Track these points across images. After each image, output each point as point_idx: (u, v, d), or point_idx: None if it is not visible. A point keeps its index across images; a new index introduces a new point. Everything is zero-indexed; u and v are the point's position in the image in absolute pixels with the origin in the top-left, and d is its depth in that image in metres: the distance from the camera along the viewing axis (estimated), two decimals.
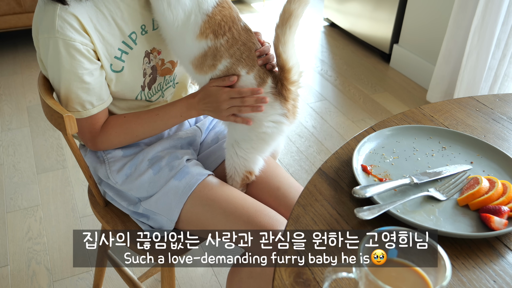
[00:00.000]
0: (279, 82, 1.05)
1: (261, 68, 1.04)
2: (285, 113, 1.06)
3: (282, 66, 1.03)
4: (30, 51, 3.25)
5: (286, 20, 0.99)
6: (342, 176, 0.89)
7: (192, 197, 1.06)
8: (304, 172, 2.17)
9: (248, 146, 1.09)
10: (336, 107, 2.71)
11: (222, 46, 1.02)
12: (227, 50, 1.02)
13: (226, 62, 1.03)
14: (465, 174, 0.88)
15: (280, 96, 1.05)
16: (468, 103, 1.16)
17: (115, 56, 1.04)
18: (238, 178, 1.13)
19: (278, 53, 1.02)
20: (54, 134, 2.40)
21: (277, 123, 1.06)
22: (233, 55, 1.02)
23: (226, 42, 1.01)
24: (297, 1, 0.97)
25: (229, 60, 1.02)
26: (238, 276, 1.09)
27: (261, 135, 1.08)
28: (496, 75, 2.40)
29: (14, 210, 1.92)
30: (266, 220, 1.01)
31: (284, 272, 0.69)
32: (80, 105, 1.03)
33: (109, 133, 1.09)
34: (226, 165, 1.14)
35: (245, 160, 1.10)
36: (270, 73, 1.05)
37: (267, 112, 1.05)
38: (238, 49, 1.02)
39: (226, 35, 1.02)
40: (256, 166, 1.12)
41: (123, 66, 1.06)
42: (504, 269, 0.70)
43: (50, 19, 0.96)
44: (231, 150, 1.11)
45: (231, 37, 1.02)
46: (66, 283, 1.61)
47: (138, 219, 1.12)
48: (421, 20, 2.87)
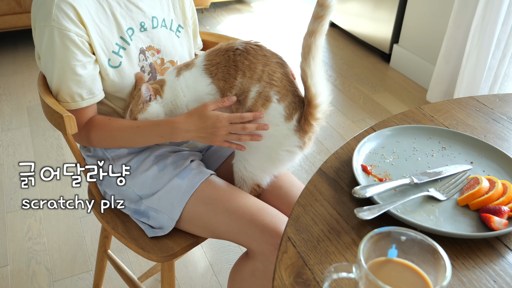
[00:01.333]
0: (303, 117, 1.03)
1: (293, 103, 1.02)
2: (301, 146, 1.06)
3: (310, 101, 1.01)
4: (30, 51, 3.25)
5: (307, 54, 0.98)
6: (342, 176, 0.89)
7: (195, 196, 1.06)
8: (304, 172, 2.17)
9: (258, 164, 1.08)
10: (336, 107, 2.71)
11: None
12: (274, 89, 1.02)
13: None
14: (465, 174, 0.88)
15: (301, 130, 1.04)
16: (468, 103, 1.16)
17: (113, 51, 1.05)
18: (246, 190, 1.12)
19: (307, 86, 1.00)
20: (54, 134, 2.40)
21: (291, 152, 1.07)
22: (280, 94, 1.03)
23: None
24: (312, 35, 0.97)
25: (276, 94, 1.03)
26: (240, 275, 1.09)
27: (272, 159, 1.07)
28: (496, 75, 2.40)
29: (14, 210, 1.92)
30: (269, 219, 1.01)
31: (284, 272, 0.69)
32: (69, 96, 1.02)
33: (90, 131, 1.07)
34: (235, 177, 1.13)
35: (254, 175, 1.09)
36: (299, 110, 1.03)
37: (285, 143, 1.04)
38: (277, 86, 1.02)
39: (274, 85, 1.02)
40: (264, 181, 1.11)
41: (121, 61, 1.06)
42: (504, 269, 0.70)
43: (48, 8, 0.96)
44: (239, 165, 1.10)
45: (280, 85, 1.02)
46: (66, 283, 1.61)
47: (138, 219, 1.12)
48: (421, 20, 2.87)
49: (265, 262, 1.02)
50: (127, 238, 1.10)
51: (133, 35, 1.08)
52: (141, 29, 1.10)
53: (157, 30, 1.13)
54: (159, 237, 1.09)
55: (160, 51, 1.14)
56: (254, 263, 1.05)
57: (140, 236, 1.10)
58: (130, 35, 1.08)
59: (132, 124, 1.05)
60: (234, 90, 1.01)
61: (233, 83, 1.01)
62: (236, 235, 1.03)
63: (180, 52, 1.20)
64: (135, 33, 1.09)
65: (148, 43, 1.12)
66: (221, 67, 1.01)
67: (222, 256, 1.75)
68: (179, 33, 1.20)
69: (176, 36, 1.18)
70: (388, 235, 0.58)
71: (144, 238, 1.10)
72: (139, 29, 1.10)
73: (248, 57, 1.01)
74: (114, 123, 1.07)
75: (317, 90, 1.01)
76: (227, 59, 1.02)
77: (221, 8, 4.22)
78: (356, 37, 3.52)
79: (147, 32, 1.11)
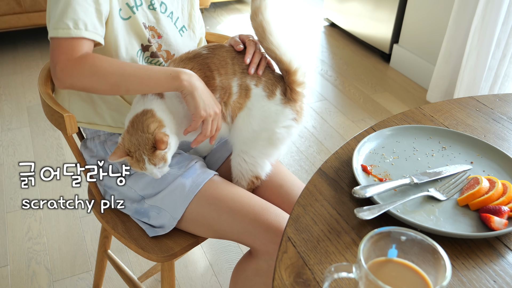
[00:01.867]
0: (287, 88, 1.07)
1: (269, 80, 1.06)
2: (295, 117, 1.09)
3: (287, 70, 1.05)
4: (30, 51, 3.25)
5: (263, 33, 1.02)
6: (342, 176, 0.89)
7: (198, 196, 1.06)
8: (304, 172, 2.17)
9: (258, 152, 1.10)
10: (336, 107, 2.71)
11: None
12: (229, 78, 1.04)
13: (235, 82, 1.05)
14: (465, 174, 0.88)
15: (290, 101, 1.07)
16: (468, 103, 1.16)
17: (126, 3, 1.04)
18: (244, 183, 1.13)
19: (278, 60, 1.04)
20: (54, 134, 2.40)
21: (288, 127, 1.09)
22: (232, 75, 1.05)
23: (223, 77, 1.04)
24: (259, 13, 1.00)
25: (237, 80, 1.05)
26: (244, 274, 1.09)
27: (272, 141, 1.09)
28: (496, 75, 2.40)
29: (14, 210, 1.92)
30: (273, 218, 1.01)
31: (284, 272, 0.69)
32: (73, 21, 0.95)
33: (84, 62, 0.95)
34: (233, 172, 1.13)
35: (253, 165, 1.10)
36: (279, 83, 1.07)
37: (279, 120, 1.07)
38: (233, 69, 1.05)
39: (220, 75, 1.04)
40: (264, 171, 1.13)
41: (130, 15, 1.06)
42: (504, 269, 0.70)
43: None
44: (238, 158, 1.10)
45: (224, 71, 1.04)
46: (66, 283, 1.61)
47: (139, 219, 1.12)
48: (421, 20, 2.87)
49: (269, 261, 1.02)
50: (127, 238, 1.10)
51: (140, 7, 1.08)
52: (149, 6, 1.10)
53: (164, 17, 1.13)
54: (159, 237, 1.09)
55: (161, 37, 1.14)
56: (258, 262, 1.05)
57: (140, 236, 1.10)
58: (138, 5, 1.07)
59: (136, 64, 1.03)
60: (218, 91, 1.03)
61: (214, 85, 1.03)
62: (240, 235, 1.03)
63: (180, 48, 1.19)
64: (143, 6, 1.08)
65: (152, 23, 1.11)
66: (196, 71, 1.02)
67: (222, 256, 1.75)
68: (183, 32, 1.20)
69: (179, 34, 1.19)
70: (388, 235, 0.58)
71: (144, 238, 1.10)
72: (148, 6, 1.10)
73: (215, 57, 1.04)
74: (116, 60, 1.00)
75: (288, 57, 1.04)
76: (199, 63, 1.03)
77: (221, 8, 4.22)
78: (356, 37, 3.52)
79: (155, 13, 1.11)
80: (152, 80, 0.96)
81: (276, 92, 1.06)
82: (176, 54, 1.19)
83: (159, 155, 0.96)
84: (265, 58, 1.08)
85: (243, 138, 1.09)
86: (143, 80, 0.97)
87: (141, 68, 0.99)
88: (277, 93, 1.07)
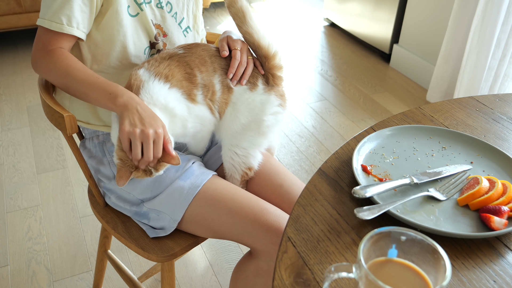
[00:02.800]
0: (269, 74, 1.10)
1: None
2: (280, 103, 1.12)
3: (266, 55, 1.08)
4: (30, 51, 3.24)
5: (243, 18, 1.05)
6: (342, 176, 0.89)
7: (197, 198, 1.05)
8: (304, 172, 2.17)
9: (248, 143, 1.11)
10: (336, 107, 2.71)
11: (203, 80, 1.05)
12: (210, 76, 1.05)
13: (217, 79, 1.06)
14: (465, 174, 0.88)
15: (273, 87, 1.10)
16: (468, 103, 1.16)
17: (135, 0, 1.05)
18: (238, 176, 1.13)
19: (257, 44, 1.08)
20: (54, 134, 2.40)
21: (275, 114, 1.11)
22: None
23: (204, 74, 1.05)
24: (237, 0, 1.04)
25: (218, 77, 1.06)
26: (244, 274, 1.09)
27: (261, 130, 1.11)
28: (496, 75, 2.40)
29: (14, 210, 1.92)
30: (273, 218, 1.01)
31: (284, 272, 0.69)
32: (67, 18, 0.99)
33: (52, 61, 1.00)
34: (225, 166, 1.14)
35: (246, 157, 1.12)
36: (259, 74, 1.10)
37: (265, 109, 1.09)
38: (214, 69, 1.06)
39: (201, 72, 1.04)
40: (256, 161, 1.14)
41: (138, 12, 1.07)
42: (504, 269, 0.70)
43: None
44: (229, 153, 1.12)
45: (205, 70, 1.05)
46: (66, 283, 1.61)
47: (139, 220, 1.12)
48: (421, 20, 2.87)
49: (269, 262, 1.02)
50: (127, 238, 1.10)
51: (148, 4, 1.09)
52: (157, 4, 1.11)
53: (169, 16, 1.14)
54: (159, 237, 1.09)
55: (166, 35, 1.14)
56: (258, 262, 1.05)
57: (140, 236, 1.10)
58: (146, 2, 1.08)
59: (94, 74, 0.99)
60: (200, 89, 1.04)
61: (196, 82, 1.03)
62: (239, 235, 1.03)
63: None
64: (151, 3, 1.09)
65: (158, 21, 1.13)
66: (175, 68, 1.01)
67: (222, 256, 1.75)
68: (187, 33, 1.20)
69: (183, 34, 1.19)
70: (388, 235, 0.58)
71: (144, 238, 1.10)
72: (156, 4, 1.10)
73: (193, 55, 1.05)
74: (78, 64, 1.01)
75: (267, 41, 1.08)
76: (177, 61, 1.03)
77: (221, 8, 4.22)
78: (356, 37, 3.52)
79: (162, 11, 1.12)
80: (93, 96, 0.97)
81: (258, 83, 1.09)
82: None
83: (164, 164, 0.99)
84: (250, 65, 1.09)
85: (232, 132, 1.10)
86: (87, 92, 0.98)
87: (90, 80, 0.97)
88: (259, 84, 1.09)
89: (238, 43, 1.09)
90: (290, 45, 3.52)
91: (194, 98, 1.03)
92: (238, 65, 1.07)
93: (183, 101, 1.02)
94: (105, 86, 0.96)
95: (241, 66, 1.07)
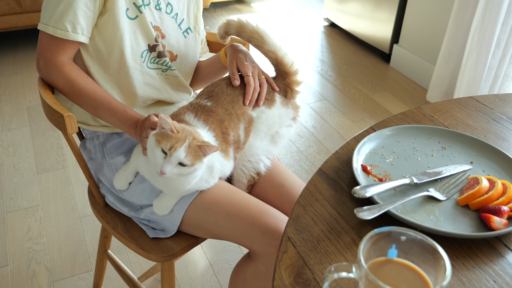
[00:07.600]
0: (287, 88, 1.13)
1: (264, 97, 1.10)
2: (294, 116, 1.16)
3: (288, 72, 1.11)
4: (30, 51, 3.25)
5: (263, 37, 1.08)
6: (342, 176, 0.89)
7: (195, 203, 1.05)
8: (304, 172, 2.17)
9: (262, 151, 1.13)
10: (336, 107, 2.71)
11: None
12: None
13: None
14: (465, 174, 0.88)
15: (289, 100, 1.14)
16: (468, 103, 1.16)
17: (134, 2, 1.05)
18: (245, 180, 1.13)
19: (279, 61, 1.10)
20: (54, 134, 2.40)
21: (289, 126, 1.15)
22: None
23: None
24: (248, 23, 1.08)
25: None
26: (243, 276, 1.08)
27: (275, 140, 1.15)
28: (496, 75, 2.40)
29: (14, 210, 1.92)
30: (271, 221, 1.01)
31: (284, 272, 0.69)
32: (72, 24, 1.00)
33: (62, 73, 1.02)
34: (234, 171, 1.13)
35: (257, 163, 1.13)
36: (273, 93, 1.12)
37: (282, 121, 1.13)
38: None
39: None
40: (265, 167, 1.15)
41: (138, 15, 1.07)
42: (504, 269, 0.70)
43: None
44: (242, 161, 1.12)
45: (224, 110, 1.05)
46: (66, 283, 1.61)
47: (140, 221, 1.11)
48: (421, 20, 2.87)
49: (268, 264, 1.02)
50: (127, 238, 1.10)
51: (147, 6, 1.09)
52: (156, 6, 1.10)
53: (169, 18, 1.14)
54: (159, 237, 1.09)
55: (164, 37, 1.14)
56: (256, 264, 1.04)
57: (140, 236, 1.10)
58: (145, 4, 1.08)
59: (105, 96, 1.04)
60: (231, 145, 1.05)
61: (229, 141, 1.04)
62: (238, 238, 1.03)
63: (182, 50, 1.20)
64: (150, 5, 1.09)
65: (157, 23, 1.12)
66: (215, 128, 1.02)
67: (222, 256, 1.75)
68: (187, 34, 1.20)
69: (183, 35, 1.19)
70: (388, 235, 0.58)
71: (144, 238, 1.10)
72: (155, 6, 1.10)
73: (220, 110, 1.04)
74: (90, 84, 1.04)
75: (290, 59, 1.11)
76: (214, 118, 1.03)
77: (221, 8, 4.22)
78: (356, 37, 3.52)
79: (160, 13, 1.11)
80: (105, 119, 1.05)
81: (275, 98, 1.12)
82: (179, 55, 1.19)
83: (198, 158, 0.92)
84: (264, 86, 1.10)
85: (248, 146, 1.11)
86: (98, 115, 1.06)
87: (103, 106, 1.04)
88: (276, 98, 1.12)
89: (249, 68, 1.09)
90: (290, 45, 3.51)
91: (228, 154, 1.05)
92: (253, 91, 1.08)
93: (221, 160, 1.03)
94: (117, 113, 1.02)
95: (255, 91, 1.08)
